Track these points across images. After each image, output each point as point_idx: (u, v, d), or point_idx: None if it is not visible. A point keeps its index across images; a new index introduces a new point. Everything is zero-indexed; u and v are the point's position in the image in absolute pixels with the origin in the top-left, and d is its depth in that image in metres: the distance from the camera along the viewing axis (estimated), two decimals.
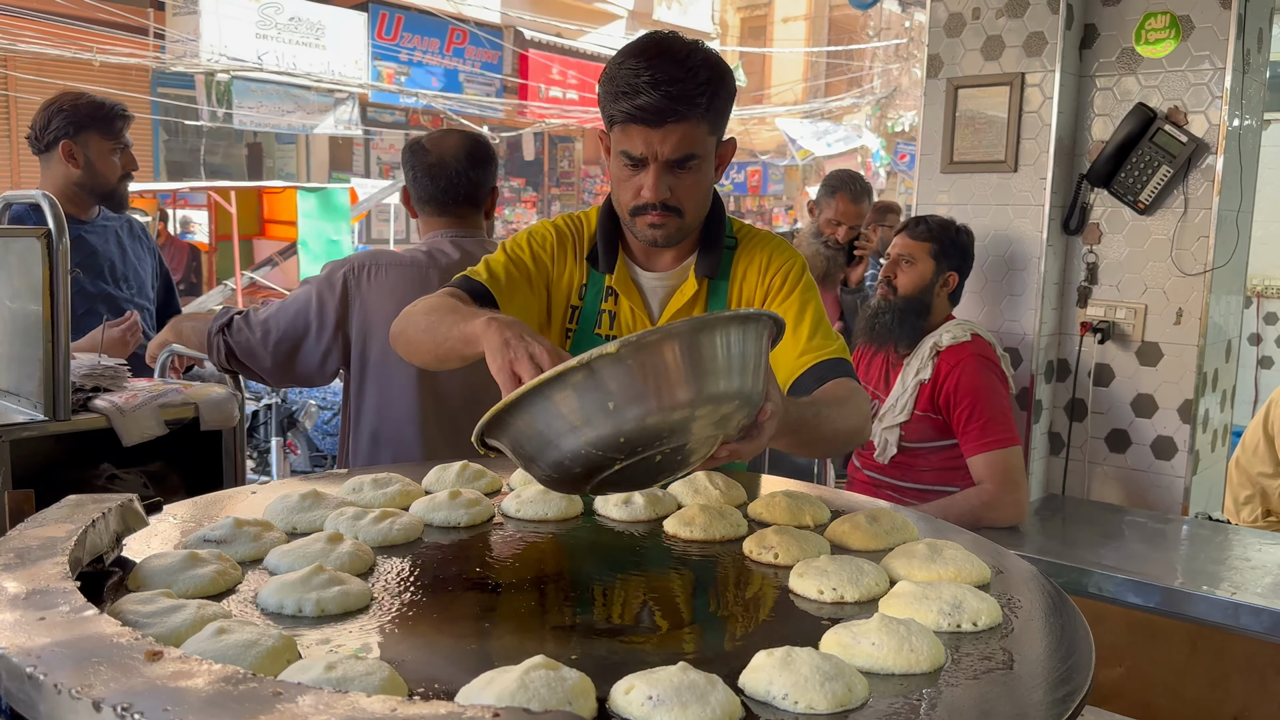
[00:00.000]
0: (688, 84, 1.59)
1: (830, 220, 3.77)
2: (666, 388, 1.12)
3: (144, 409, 2.24)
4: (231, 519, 1.29)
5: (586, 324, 1.85)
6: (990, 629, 1.09)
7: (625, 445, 1.13)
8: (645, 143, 1.63)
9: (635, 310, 1.83)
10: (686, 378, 1.13)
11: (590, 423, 1.12)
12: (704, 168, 1.69)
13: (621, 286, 1.82)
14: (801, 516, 1.47)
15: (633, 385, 1.10)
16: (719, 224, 1.84)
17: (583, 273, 1.86)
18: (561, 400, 1.12)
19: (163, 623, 1.00)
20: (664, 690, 0.88)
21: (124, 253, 3.08)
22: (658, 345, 1.12)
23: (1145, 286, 3.00)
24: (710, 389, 1.15)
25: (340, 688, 0.86)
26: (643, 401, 1.11)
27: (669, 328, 1.14)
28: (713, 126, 1.66)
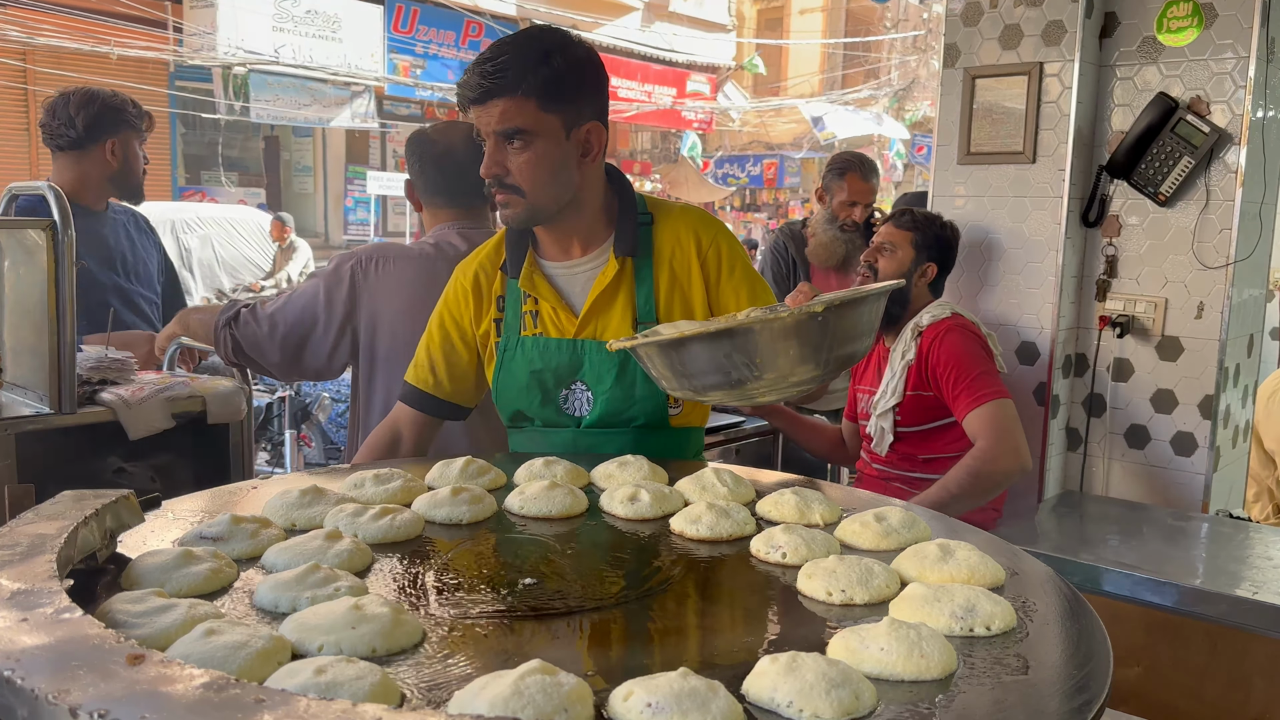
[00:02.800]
0: (500, 60, 1.67)
1: (844, 203, 3.74)
2: (810, 351, 1.49)
3: (150, 402, 2.22)
4: (228, 516, 1.27)
5: (510, 331, 1.88)
6: (1004, 633, 1.06)
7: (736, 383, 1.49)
8: (478, 119, 1.70)
9: (554, 305, 1.84)
10: (832, 342, 1.50)
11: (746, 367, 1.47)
12: (539, 145, 1.70)
13: (529, 286, 1.85)
14: (810, 515, 1.44)
15: (786, 348, 1.47)
16: (629, 201, 1.86)
17: (499, 286, 1.91)
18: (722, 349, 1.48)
19: (152, 623, 0.97)
20: (663, 697, 0.85)
21: (133, 246, 3.08)
22: (845, 312, 1.50)
23: (1165, 280, 2.95)
24: (837, 352, 1.52)
25: (329, 693, 0.83)
26: (786, 362, 1.48)
27: (854, 295, 1.51)
28: (544, 103, 1.69)
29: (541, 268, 1.87)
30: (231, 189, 15.75)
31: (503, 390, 1.88)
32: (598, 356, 1.81)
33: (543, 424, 1.87)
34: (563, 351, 1.83)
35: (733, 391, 1.49)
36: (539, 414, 1.86)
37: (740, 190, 23.02)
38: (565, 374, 1.84)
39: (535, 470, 1.59)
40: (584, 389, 1.84)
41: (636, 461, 1.62)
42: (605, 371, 1.81)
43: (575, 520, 1.45)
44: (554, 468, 1.59)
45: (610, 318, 1.82)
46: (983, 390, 2.62)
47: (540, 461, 1.61)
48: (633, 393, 1.81)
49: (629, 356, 1.78)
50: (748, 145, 23.06)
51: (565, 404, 1.85)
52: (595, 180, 1.82)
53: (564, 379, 1.84)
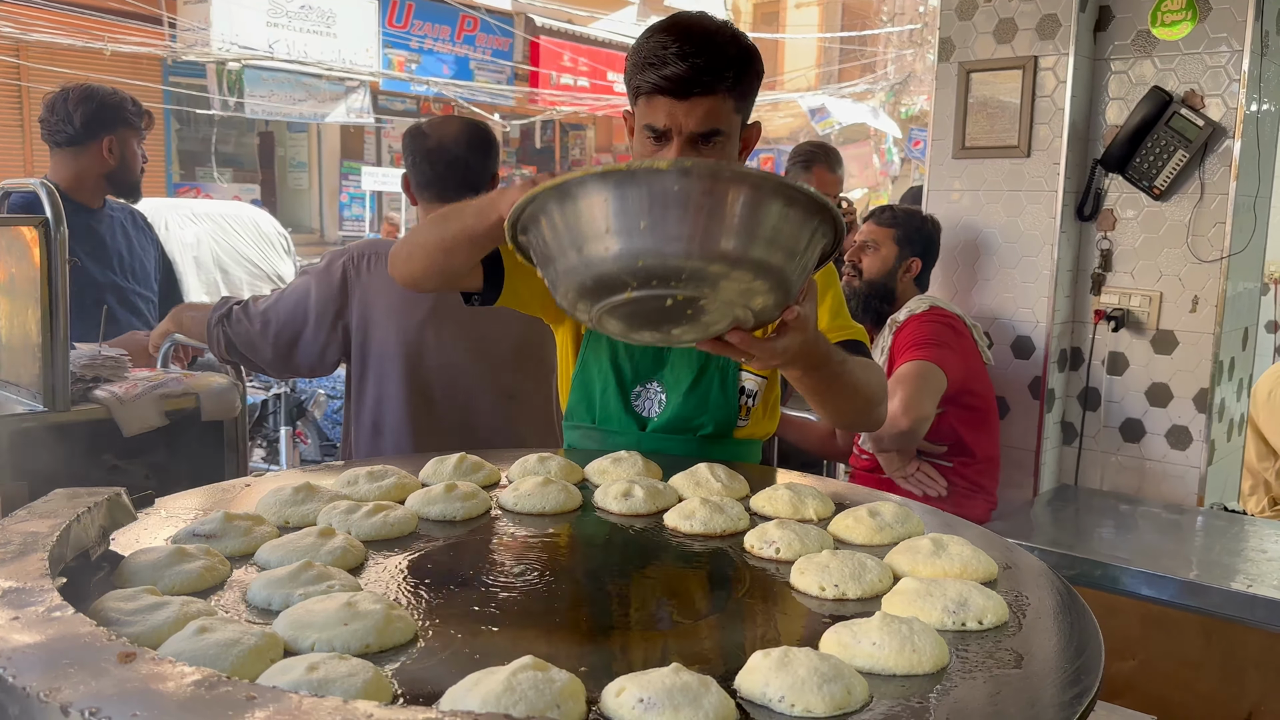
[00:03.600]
0: (715, 57, 1.57)
1: None
2: (705, 229, 1.07)
3: (144, 399, 2.22)
4: (221, 513, 1.27)
5: None
6: (996, 628, 1.06)
7: (642, 270, 1.10)
8: (669, 115, 1.59)
9: None
10: (731, 228, 1.07)
11: (618, 233, 1.08)
12: (728, 147, 1.64)
13: None
14: (804, 510, 1.44)
15: (673, 212, 1.06)
16: None
17: None
18: (598, 200, 1.09)
19: (144, 620, 0.97)
20: (655, 693, 0.85)
21: (130, 243, 3.07)
22: (713, 180, 1.07)
23: (1160, 273, 2.95)
24: (744, 250, 1.09)
25: (321, 690, 0.83)
26: (674, 234, 1.07)
27: (738, 171, 1.09)
28: (739, 104, 1.63)
29: None
30: (226, 185, 15.70)
31: (581, 371, 1.83)
32: (681, 358, 1.78)
33: (602, 425, 1.83)
34: (649, 349, 1.79)
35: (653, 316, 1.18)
36: (604, 408, 1.82)
37: None
38: (645, 371, 1.80)
39: (529, 466, 1.59)
40: (659, 390, 1.81)
41: (631, 457, 1.62)
42: (685, 373, 1.77)
43: (569, 516, 1.45)
44: (548, 464, 1.59)
45: None
46: (913, 356, 2.65)
47: (534, 458, 1.61)
48: (706, 400, 1.77)
49: (709, 362, 1.75)
50: None
51: (636, 401, 1.81)
52: None
53: (642, 375, 1.81)
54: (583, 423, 1.86)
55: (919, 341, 2.68)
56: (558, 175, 1.16)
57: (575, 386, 1.85)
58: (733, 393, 1.79)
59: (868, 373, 1.63)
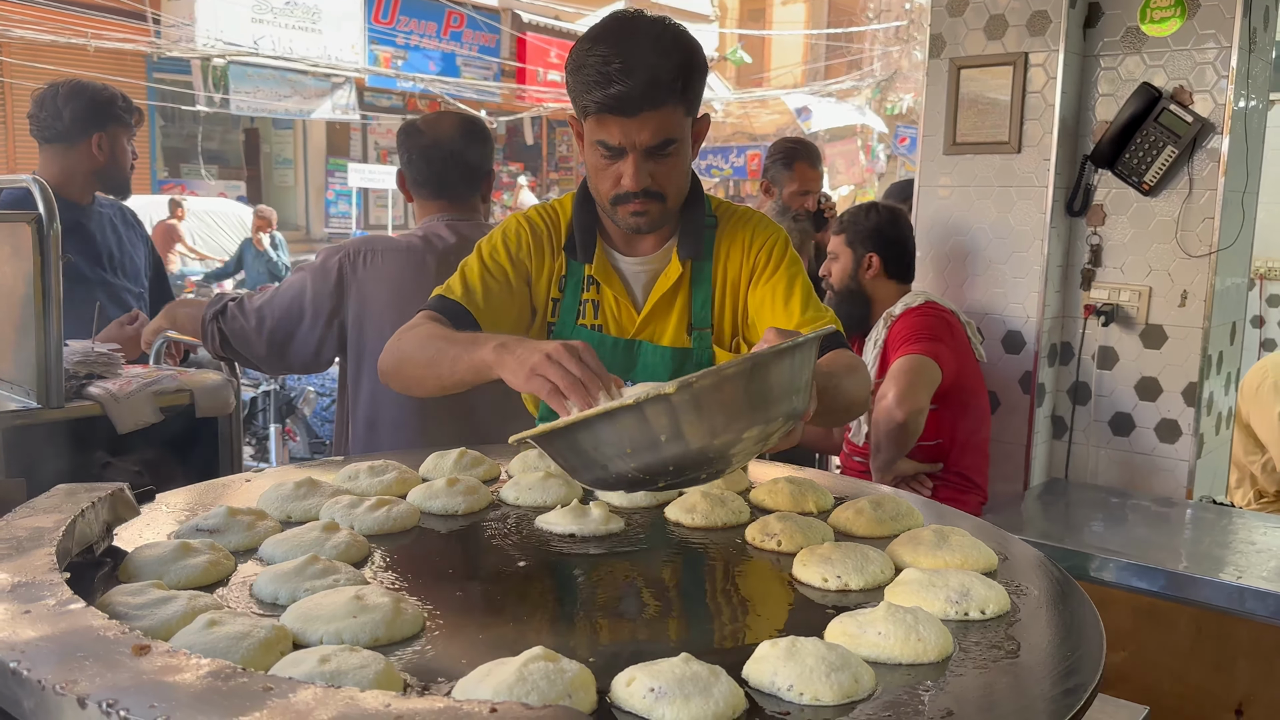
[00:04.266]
0: (661, 70, 1.54)
1: (795, 192, 3.76)
2: (719, 423, 1.11)
3: (138, 395, 2.21)
4: (225, 508, 1.27)
5: (567, 315, 1.81)
6: (998, 617, 1.07)
7: (673, 470, 1.14)
8: (622, 132, 1.58)
9: (619, 298, 1.79)
10: (739, 412, 1.12)
11: (639, 453, 1.12)
12: (682, 150, 1.65)
13: (602, 275, 1.78)
14: (804, 503, 1.45)
15: (684, 423, 1.10)
16: (698, 204, 1.81)
17: (561, 264, 1.81)
18: (611, 433, 1.12)
19: (153, 615, 0.97)
20: (666, 682, 0.86)
21: (119, 240, 3.06)
22: (714, 389, 1.09)
23: (1150, 268, 2.97)
24: (761, 418, 1.14)
25: (334, 681, 0.84)
26: (694, 436, 1.10)
27: (723, 371, 1.10)
28: (689, 108, 1.63)
29: (610, 258, 1.80)
30: (211, 182, 15.64)
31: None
32: (653, 360, 1.76)
33: None
34: (619, 350, 1.77)
35: (650, 481, 1.18)
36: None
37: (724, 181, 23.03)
38: (616, 374, 1.77)
39: (529, 461, 1.59)
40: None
41: None
42: (658, 376, 1.75)
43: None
44: (548, 459, 1.59)
45: (668, 321, 1.77)
46: (908, 350, 2.67)
47: (534, 452, 1.61)
48: None
49: (686, 359, 1.75)
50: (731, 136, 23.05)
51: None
52: None
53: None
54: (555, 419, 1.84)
55: (914, 335, 2.70)
56: (560, 421, 1.16)
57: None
58: None
59: (852, 378, 1.60)
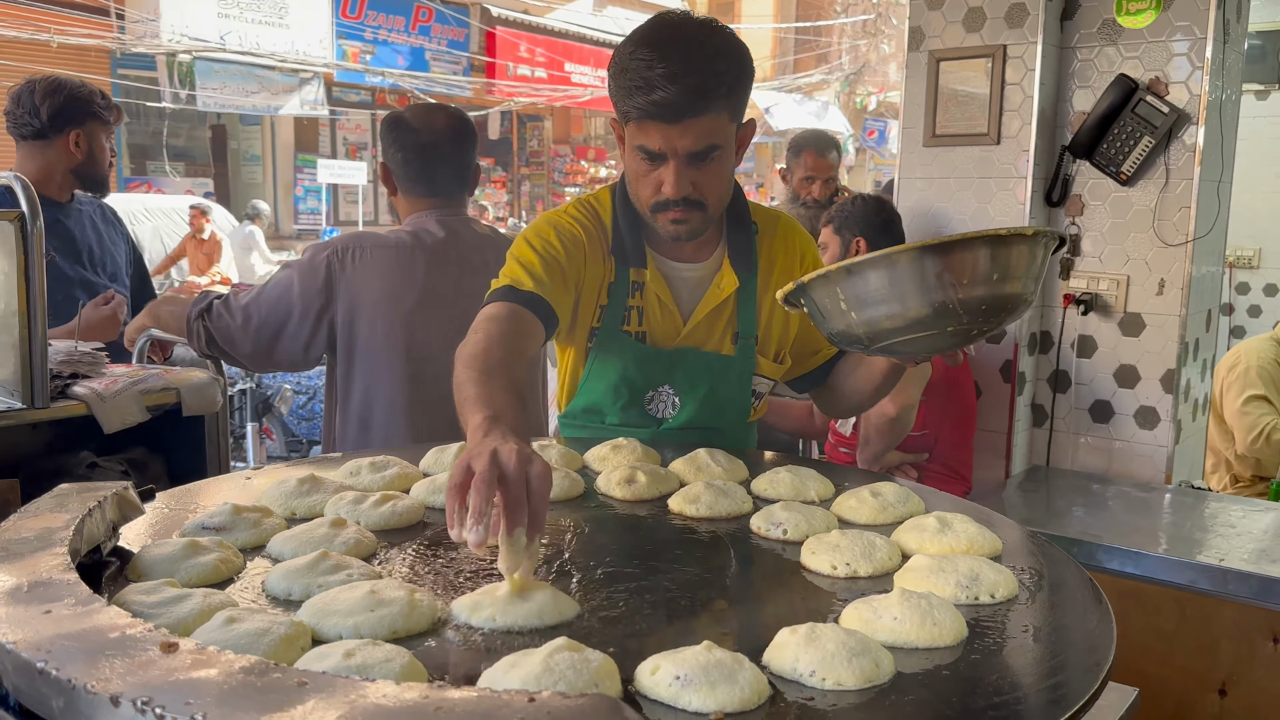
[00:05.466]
0: (707, 76, 1.50)
1: (803, 179, 3.81)
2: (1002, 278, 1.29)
3: (124, 395, 2.19)
4: (230, 505, 1.26)
5: (612, 321, 1.74)
6: (1007, 600, 1.09)
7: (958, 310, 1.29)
8: (664, 138, 1.54)
9: (666, 305, 1.74)
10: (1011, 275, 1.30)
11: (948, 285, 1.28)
12: (726, 157, 1.60)
13: (655, 283, 1.73)
14: (806, 492, 1.46)
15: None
16: (743, 210, 1.77)
17: (610, 268, 1.74)
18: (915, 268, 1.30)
19: (169, 613, 0.97)
20: (691, 670, 0.87)
21: (100, 237, 3.02)
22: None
23: (1128, 257, 3.01)
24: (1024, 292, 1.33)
25: (362, 675, 0.84)
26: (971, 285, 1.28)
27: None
28: (734, 114, 1.58)
29: (659, 264, 1.75)
30: (178, 179, 15.44)
31: (588, 382, 1.76)
32: (696, 366, 1.74)
33: (617, 423, 1.76)
34: (661, 360, 1.74)
35: (891, 327, 1.32)
36: (617, 414, 1.76)
37: None
38: (656, 378, 1.75)
39: None
40: (671, 393, 1.76)
41: (629, 444, 1.63)
42: (700, 382, 1.74)
43: (573, 503, 1.46)
44: (548, 452, 1.60)
45: (714, 329, 1.76)
46: None
47: (534, 445, 1.61)
48: (722, 405, 1.75)
49: (726, 370, 1.74)
50: None
51: (649, 405, 1.77)
52: None
53: (654, 382, 1.75)
54: (590, 423, 1.80)
55: None
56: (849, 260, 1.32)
57: (584, 385, 1.77)
58: (745, 396, 1.79)
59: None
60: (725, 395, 1.77)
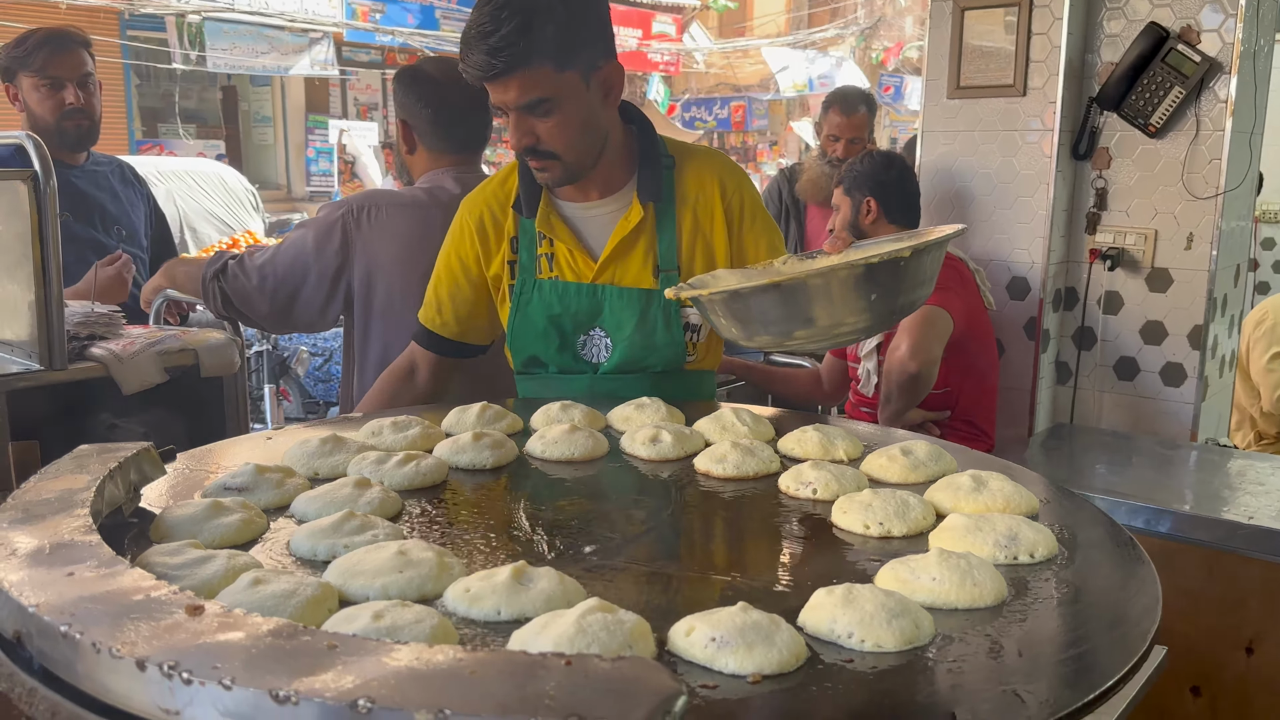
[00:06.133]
0: (503, 32, 1.55)
1: (829, 136, 3.74)
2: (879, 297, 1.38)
3: (142, 356, 2.17)
4: (252, 466, 1.24)
5: (526, 274, 1.82)
6: (1047, 560, 1.06)
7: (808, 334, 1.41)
8: (495, 95, 1.63)
9: (572, 249, 1.80)
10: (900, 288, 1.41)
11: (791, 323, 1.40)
12: (566, 108, 1.64)
13: (546, 227, 1.80)
14: (834, 451, 1.43)
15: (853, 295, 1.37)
16: (653, 144, 1.80)
17: (511, 224, 1.84)
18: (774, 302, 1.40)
19: (194, 575, 0.95)
20: (727, 631, 0.84)
21: (115, 198, 2.98)
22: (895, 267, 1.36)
23: (1155, 211, 2.95)
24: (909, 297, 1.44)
25: (390, 637, 0.82)
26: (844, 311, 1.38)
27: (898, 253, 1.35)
28: (559, 64, 1.60)
29: (558, 208, 1.81)
30: (190, 141, 15.36)
31: (518, 335, 1.83)
32: (619, 303, 1.78)
33: (558, 370, 1.83)
34: (582, 296, 1.79)
35: (786, 339, 1.43)
36: (555, 360, 1.82)
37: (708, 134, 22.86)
38: (584, 320, 1.80)
39: (553, 414, 1.57)
40: (603, 335, 1.80)
41: (654, 404, 1.61)
42: (626, 319, 1.77)
43: (598, 463, 1.44)
44: (571, 411, 1.57)
45: (630, 263, 1.78)
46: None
47: (557, 406, 1.59)
48: (653, 339, 1.77)
49: (649, 304, 1.76)
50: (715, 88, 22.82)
51: (583, 350, 1.82)
52: (615, 121, 1.77)
53: (582, 325, 1.80)
54: (536, 372, 1.87)
55: None
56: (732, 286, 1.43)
57: (515, 341, 1.85)
58: (677, 330, 1.79)
59: None
60: (654, 331, 1.78)
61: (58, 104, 2.73)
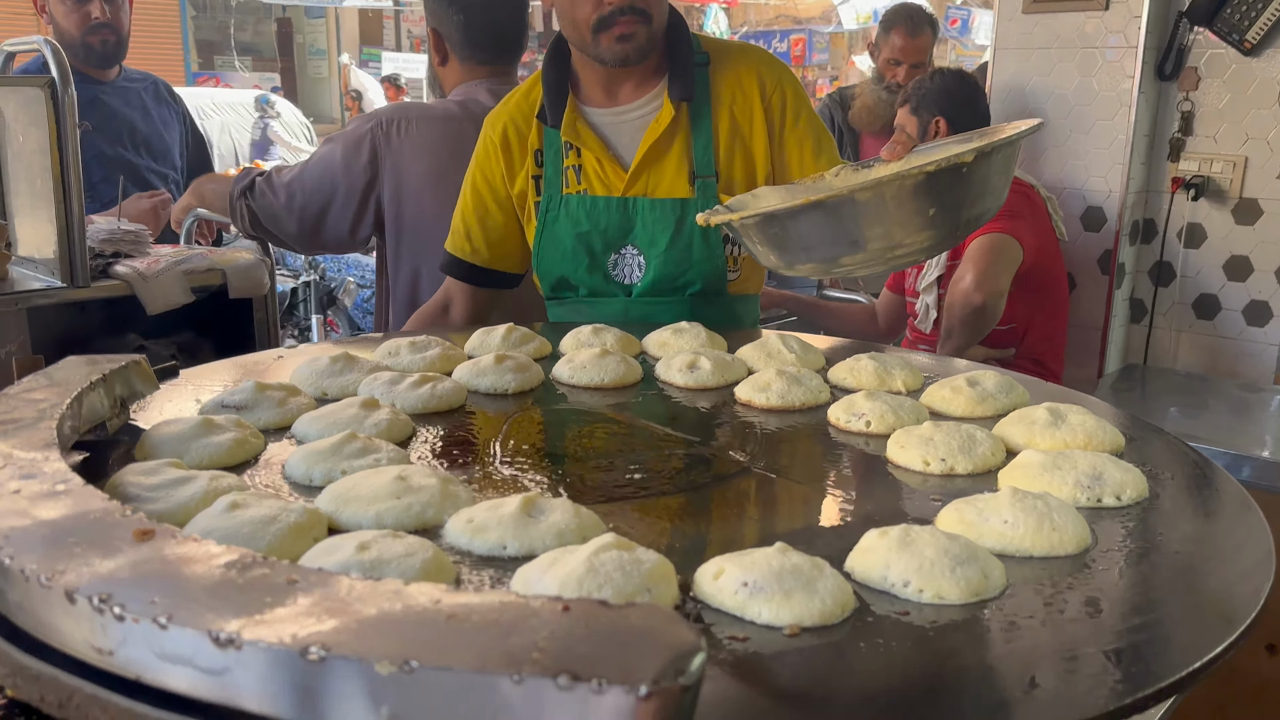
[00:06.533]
0: None
1: (889, 60, 3.47)
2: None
3: (167, 275, 2.10)
4: (253, 383, 1.15)
5: (552, 188, 1.71)
6: (1135, 504, 0.93)
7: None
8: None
9: (600, 159, 1.67)
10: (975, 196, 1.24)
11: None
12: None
13: (572, 135, 1.67)
14: (892, 381, 1.30)
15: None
16: (684, 39, 1.67)
17: (535, 137, 1.72)
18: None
19: (168, 496, 0.86)
20: (761, 575, 0.73)
21: (147, 116, 2.90)
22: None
23: (1246, 137, 2.73)
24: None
25: (374, 571, 0.72)
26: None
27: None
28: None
29: (585, 115, 1.69)
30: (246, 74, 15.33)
31: (545, 256, 1.71)
32: (651, 216, 1.64)
33: (589, 293, 1.71)
34: (611, 211, 1.66)
35: (833, 265, 1.28)
36: (585, 282, 1.70)
37: None
38: (615, 237, 1.67)
39: (583, 338, 1.45)
40: (635, 253, 1.67)
41: (693, 328, 1.48)
42: (659, 233, 1.64)
43: (629, 390, 1.32)
44: (603, 335, 1.46)
45: (664, 171, 1.65)
46: (987, 228, 2.40)
47: (588, 329, 1.47)
48: (689, 256, 1.64)
49: (684, 215, 1.63)
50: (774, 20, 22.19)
51: (614, 270, 1.69)
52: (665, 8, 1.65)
53: (613, 242, 1.67)
54: (566, 297, 1.75)
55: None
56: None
57: (542, 262, 1.73)
58: (716, 242, 1.65)
59: None
60: (690, 245, 1.64)
61: (83, 17, 2.67)
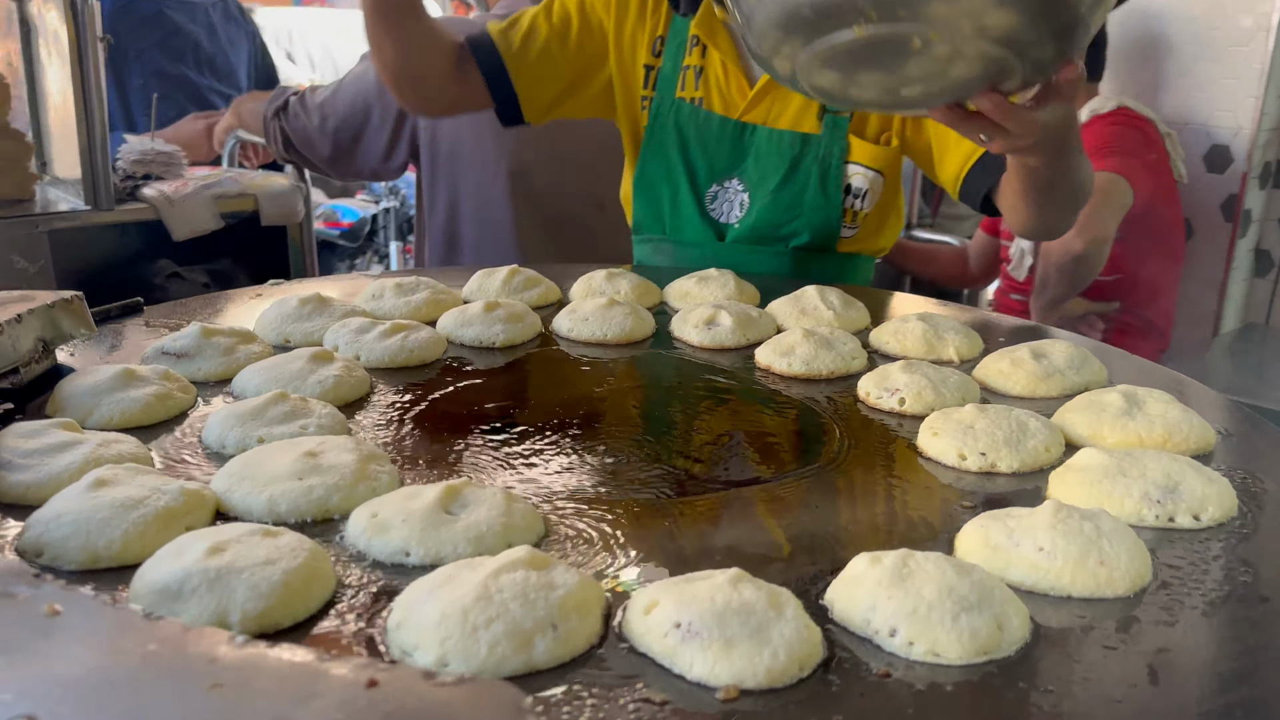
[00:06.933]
0: None
1: None
2: None
3: (195, 199, 2.00)
4: (198, 326, 1.02)
5: (665, 86, 1.49)
6: (1218, 525, 0.73)
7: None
8: None
9: (727, 64, 1.45)
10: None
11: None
12: None
13: (705, 31, 1.44)
14: (942, 348, 1.11)
15: None
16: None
17: (659, 22, 1.49)
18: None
19: (41, 466, 0.74)
20: (699, 616, 0.56)
21: (213, 34, 2.80)
22: None
23: None
24: None
25: (217, 584, 0.58)
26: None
27: None
28: None
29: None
30: None
31: (644, 172, 1.51)
32: (766, 148, 1.44)
33: (673, 237, 1.52)
34: (725, 133, 1.46)
35: (877, 72, 0.90)
36: (677, 218, 1.51)
37: None
38: (721, 165, 1.47)
39: (595, 285, 1.29)
40: (740, 188, 1.47)
41: (722, 276, 1.30)
42: (772, 169, 1.43)
43: (636, 348, 1.16)
44: (618, 282, 1.29)
45: (791, 101, 1.43)
46: (1095, 165, 2.14)
47: (601, 274, 1.31)
48: (800, 201, 1.43)
49: (804, 152, 1.42)
50: None
51: (712, 204, 1.49)
52: None
53: (718, 171, 1.48)
54: (652, 234, 1.54)
55: (1103, 148, 2.22)
56: None
57: (639, 190, 1.53)
58: (835, 190, 1.43)
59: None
60: (804, 188, 1.43)
61: None
